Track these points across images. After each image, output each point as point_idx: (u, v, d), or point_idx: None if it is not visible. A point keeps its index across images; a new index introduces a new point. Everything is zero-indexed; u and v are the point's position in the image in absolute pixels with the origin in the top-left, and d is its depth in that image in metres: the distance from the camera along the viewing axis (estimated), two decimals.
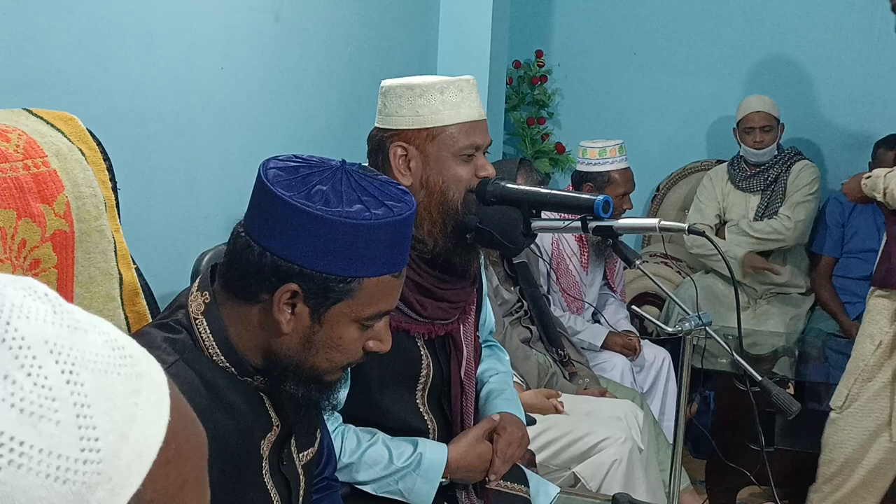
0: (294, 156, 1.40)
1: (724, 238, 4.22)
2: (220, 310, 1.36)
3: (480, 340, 2.12)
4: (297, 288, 1.30)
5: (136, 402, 0.58)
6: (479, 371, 2.08)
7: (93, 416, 0.55)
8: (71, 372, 0.55)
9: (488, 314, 2.22)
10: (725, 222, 4.30)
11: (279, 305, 1.30)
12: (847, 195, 3.12)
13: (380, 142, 1.86)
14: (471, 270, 1.90)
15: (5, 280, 0.57)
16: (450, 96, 1.83)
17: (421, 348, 1.87)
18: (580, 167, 3.68)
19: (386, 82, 1.88)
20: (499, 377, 2.14)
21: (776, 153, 4.20)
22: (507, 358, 2.26)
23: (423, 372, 1.88)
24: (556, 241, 3.58)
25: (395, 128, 1.84)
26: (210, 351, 1.34)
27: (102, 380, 0.56)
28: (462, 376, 1.93)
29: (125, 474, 0.56)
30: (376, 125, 1.89)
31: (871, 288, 2.95)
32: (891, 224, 2.90)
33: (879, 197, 2.87)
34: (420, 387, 1.89)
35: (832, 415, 2.95)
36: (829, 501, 3.00)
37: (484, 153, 1.90)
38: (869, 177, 2.92)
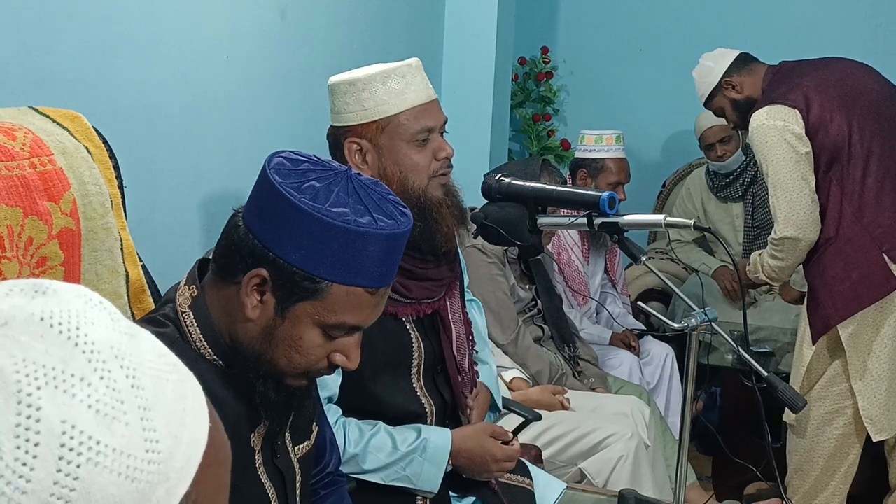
0: (307, 154, 1.40)
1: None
2: (206, 300, 1.36)
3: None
4: (266, 275, 1.29)
5: (184, 408, 0.61)
6: None
7: (153, 420, 0.58)
8: (134, 377, 0.58)
9: (479, 323, 2.22)
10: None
11: (247, 288, 1.30)
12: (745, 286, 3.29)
13: (335, 140, 1.88)
14: (450, 250, 1.91)
15: (64, 287, 0.60)
16: (392, 85, 1.83)
17: (411, 330, 1.89)
18: (577, 154, 3.71)
19: (332, 79, 1.90)
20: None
21: (744, 157, 4.19)
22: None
23: (416, 354, 1.89)
24: (557, 233, 3.58)
25: (345, 124, 1.86)
26: (197, 344, 1.35)
27: (157, 385, 0.60)
28: (455, 353, 1.94)
29: (179, 475, 0.59)
30: (331, 123, 1.91)
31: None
32: (808, 276, 2.99)
33: (763, 277, 3.03)
34: (414, 369, 1.90)
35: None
36: (799, 493, 3.02)
37: (441, 133, 1.89)
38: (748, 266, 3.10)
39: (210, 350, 1.35)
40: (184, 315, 1.36)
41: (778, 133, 2.80)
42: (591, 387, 3.17)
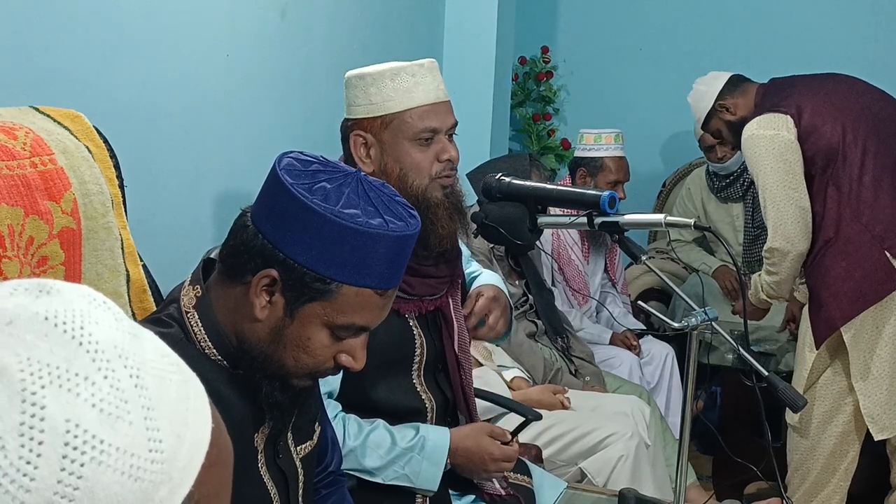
0: (315, 155, 1.40)
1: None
2: (212, 300, 1.36)
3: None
4: (276, 275, 1.29)
5: (187, 408, 0.61)
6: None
7: (156, 419, 0.58)
8: (138, 377, 0.58)
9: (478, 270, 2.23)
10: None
11: (256, 289, 1.30)
12: (751, 316, 3.22)
13: (344, 132, 1.90)
14: (447, 250, 1.91)
15: (68, 287, 0.60)
16: (401, 82, 1.83)
17: (413, 327, 1.89)
18: (576, 153, 3.71)
19: (347, 73, 1.90)
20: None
21: (743, 158, 4.17)
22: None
23: (418, 350, 1.90)
24: (556, 232, 3.58)
25: (354, 117, 1.87)
26: (202, 344, 1.34)
27: (160, 385, 0.60)
28: (456, 350, 1.95)
29: (182, 475, 0.60)
30: (344, 116, 1.92)
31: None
32: (809, 279, 2.97)
33: (763, 296, 3.03)
34: (416, 365, 1.90)
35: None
36: (799, 492, 3.02)
37: (449, 135, 1.88)
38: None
39: (215, 350, 1.34)
40: (188, 315, 1.36)
41: (767, 143, 2.82)
42: (588, 385, 3.18)
